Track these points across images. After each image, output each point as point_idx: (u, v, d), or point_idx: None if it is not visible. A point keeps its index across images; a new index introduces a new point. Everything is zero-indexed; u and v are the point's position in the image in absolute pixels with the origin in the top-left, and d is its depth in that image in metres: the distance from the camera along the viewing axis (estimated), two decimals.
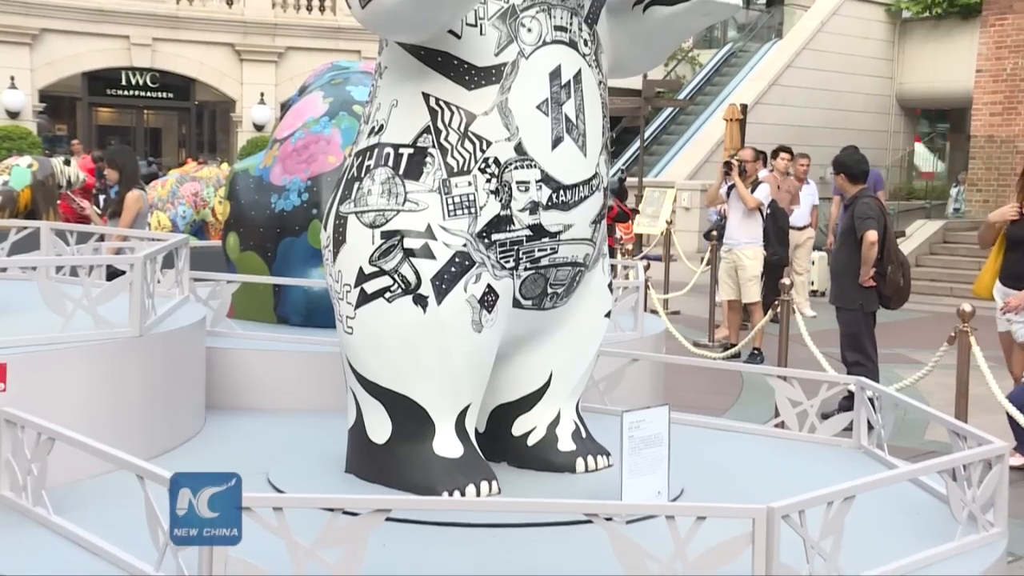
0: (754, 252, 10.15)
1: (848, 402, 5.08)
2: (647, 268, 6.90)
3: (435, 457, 3.20)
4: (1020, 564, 4.76)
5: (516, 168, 3.18)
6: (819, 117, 22.77)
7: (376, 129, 3.31)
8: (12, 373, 3.28)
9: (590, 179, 3.33)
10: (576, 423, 3.61)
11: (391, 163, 3.23)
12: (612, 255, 10.99)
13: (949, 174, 24.77)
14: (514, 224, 3.21)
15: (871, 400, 3.92)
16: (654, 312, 8.51)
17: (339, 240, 3.30)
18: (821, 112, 22.93)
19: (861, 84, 23.94)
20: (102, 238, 5.84)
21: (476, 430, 3.40)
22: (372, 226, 3.22)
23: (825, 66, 23.33)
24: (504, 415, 3.56)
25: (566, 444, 3.53)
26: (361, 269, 3.22)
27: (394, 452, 3.25)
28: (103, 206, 10.05)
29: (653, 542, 2.35)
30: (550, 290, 3.38)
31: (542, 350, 3.54)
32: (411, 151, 3.21)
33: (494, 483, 3.19)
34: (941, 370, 6.65)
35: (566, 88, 3.24)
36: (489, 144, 3.16)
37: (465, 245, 3.18)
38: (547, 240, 3.27)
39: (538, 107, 3.19)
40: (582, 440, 3.57)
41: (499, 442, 3.54)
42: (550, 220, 3.25)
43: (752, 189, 10.13)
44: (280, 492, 3.12)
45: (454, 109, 3.17)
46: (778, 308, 7.80)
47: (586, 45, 3.33)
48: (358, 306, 3.23)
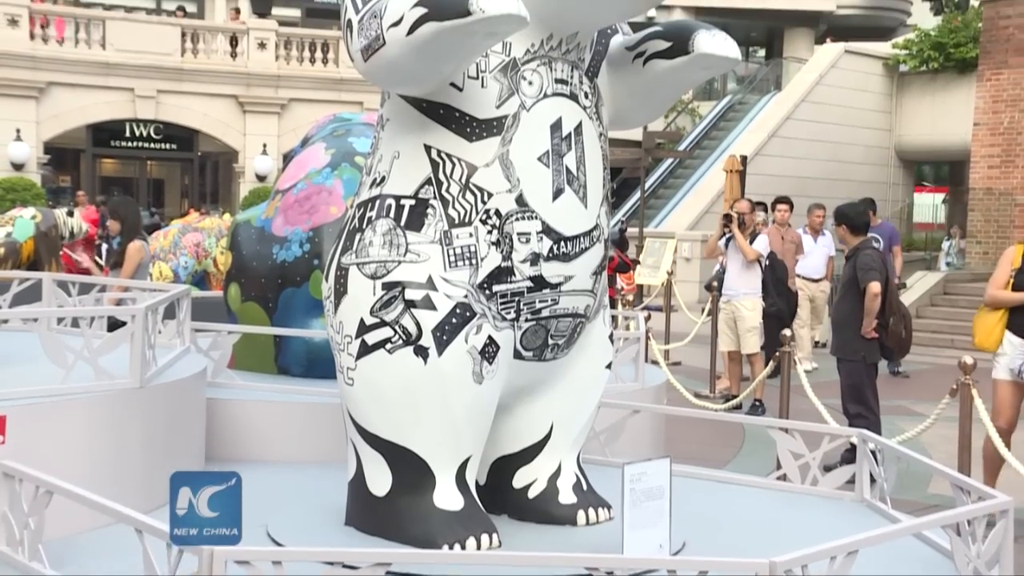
0: (753, 303, 10.16)
1: (850, 454, 5.06)
2: (648, 319, 6.90)
3: (435, 509, 3.18)
4: None
5: (517, 220, 3.19)
6: (819, 168, 22.91)
7: (378, 181, 3.33)
8: (11, 425, 3.27)
9: (591, 230, 3.34)
10: (577, 475, 3.59)
11: (393, 214, 3.25)
12: (613, 306, 11.00)
13: (948, 226, 24.86)
14: (515, 275, 3.22)
15: (873, 453, 3.90)
16: (655, 363, 8.50)
17: (340, 291, 3.31)
18: (820, 163, 23.08)
19: (860, 136, 24.12)
20: (104, 289, 5.84)
21: (476, 482, 3.38)
22: (373, 277, 3.22)
23: (824, 118, 23.52)
24: (505, 467, 3.54)
25: (567, 496, 3.51)
26: (362, 320, 3.22)
27: (394, 504, 3.23)
28: (105, 256, 10.08)
29: None
30: (551, 341, 3.38)
31: (543, 401, 3.53)
32: (413, 202, 3.23)
33: (495, 536, 3.17)
34: (943, 422, 6.62)
35: (567, 140, 3.26)
36: (490, 196, 3.18)
37: (466, 296, 3.19)
38: (548, 291, 3.27)
39: (539, 159, 3.21)
40: (583, 492, 3.55)
41: (500, 494, 3.52)
42: (551, 271, 3.26)
43: (751, 240, 10.16)
44: (279, 545, 3.10)
45: (455, 161, 3.19)
46: (779, 360, 7.79)
47: (587, 98, 3.35)
48: (359, 357, 3.23)
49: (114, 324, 4.55)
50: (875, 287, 7.18)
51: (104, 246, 12.90)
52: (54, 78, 21.82)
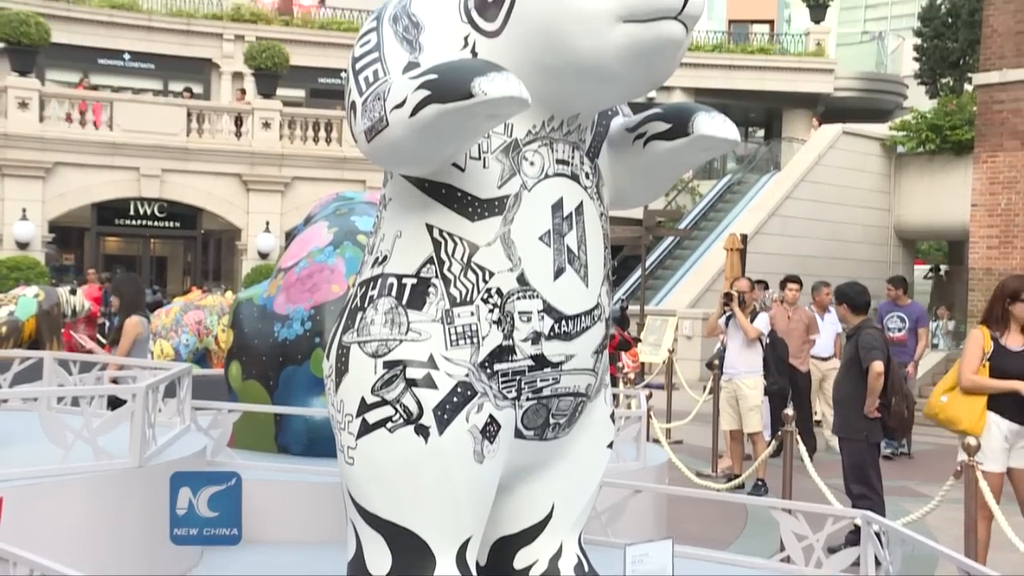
0: (754, 382, 10.14)
1: (855, 536, 5.00)
2: (649, 397, 6.88)
3: None
4: None
5: (518, 299, 3.20)
6: (818, 247, 23.02)
7: (380, 260, 3.35)
8: (9, 506, 3.24)
9: (592, 309, 3.35)
10: (579, 556, 3.55)
11: (394, 293, 3.26)
12: (614, 384, 10.97)
13: (934, 305, 24.88)
14: (516, 354, 3.22)
15: (878, 535, 3.86)
16: (657, 442, 8.45)
17: (341, 370, 3.31)
18: (820, 242, 23.20)
19: (859, 215, 24.29)
20: (105, 367, 5.85)
21: (477, 563, 3.34)
22: (375, 356, 3.23)
23: (823, 198, 23.71)
24: (505, 548, 3.50)
25: None
26: (363, 399, 3.22)
27: None
28: (108, 333, 10.09)
29: None
30: (552, 420, 3.37)
31: (544, 481, 3.50)
32: (414, 281, 3.24)
33: None
34: (948, 504, 6.56)
35: (568, 220, 3.29)
36: (492, 275, 3.19)
37: (467, 375, 3.19)
38: (549, 370, 3.27)
39: (540, 238, 3.23)
40: (585, 574, 3.51)
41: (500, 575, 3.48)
42: (552, 350, 3.26)
43: (751, 319, 10.17)
44: None
45: (457, 240, 3.21)
46: (781, 439, 7.74)
47: (587, 178, 3.39)
48: (359, 436, 3.22)
49: (116, 401, 4.54)
50: (878, 366, 7.17)
51: (107, 324, 12.93)
52: (61, 158, 22.07)
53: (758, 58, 31.55)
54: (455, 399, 3.16)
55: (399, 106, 2.90)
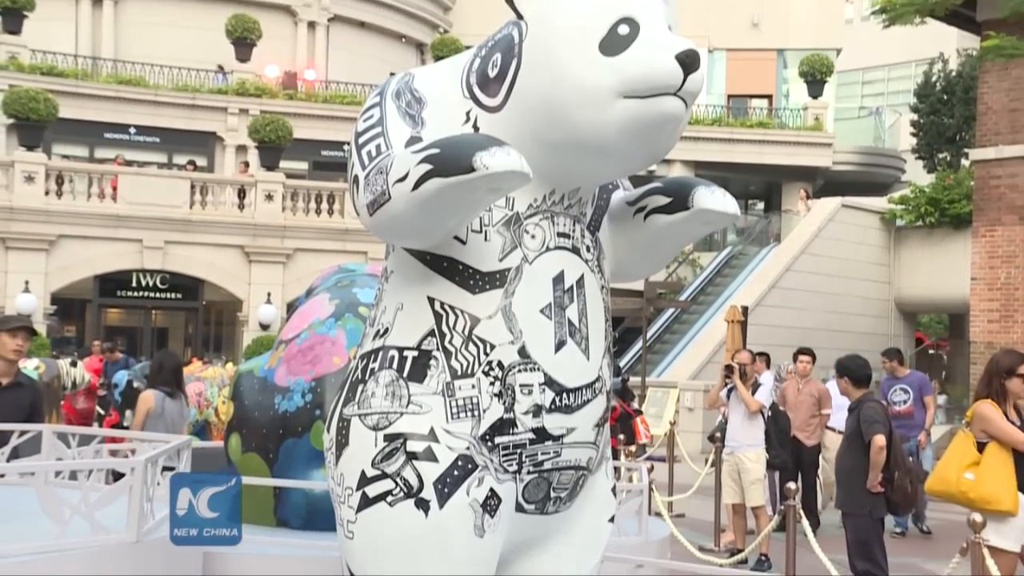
0: (756, 455, 10.06)
1: None
2: (651, 470, 6.83)
3: None
4: None
5: (519, 371, 3.20)
6: (819, 319, 23.02)
7: (381, 332, 3.36)
8: None
9: (593, 382, 3.34)
10: None
11: (395, 366, 3.26)
12: (615, 456, 10.89)
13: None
14: (517, 427, 3.21)
15: None
16: (658, 515, 8.36)
17: (342, 443, 3.29)
18: (821, 314, 23.20)
19: (859, 288, 24.33)
20: (104, 440, 5.82)
21: None
22: (375, 429, 3.22)
23: (823, 270, 23.77)
24: None
25: None
26: (363, 472, 3.20)
27: None
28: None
29: None
30: (553, 494, 3.35)
31: (545, 556, 3.46)
32: (415, 354, 3.24)
33: None
34: None
35: (569, 293, 3.30)
36: (493, 347, 3.19)
37: (468, 448, 3.17)
38: (550, 443, 3.26)
39: (541, 311, 3.24)
40: None
41: None
42: (553, 423, 3.25)
43: (753, 391, 10.14)
44: None
45: (458, 313, 3.22)
46: (784, 513, 7.67)
47: (588, 251, 3.41)
48: (359, 510, 3.19)
49: (117, 472, 4.52)
50: (880, 440, 7.13)
51: (107, 395, 12.89)
52: (65, 231, 22.19)
53: (757, 132, 31.88)
54: (456, 472, 3.14)
55: (401, 180, 2.93)
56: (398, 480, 3.14)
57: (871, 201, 26.08)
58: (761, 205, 35.69)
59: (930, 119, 36.34)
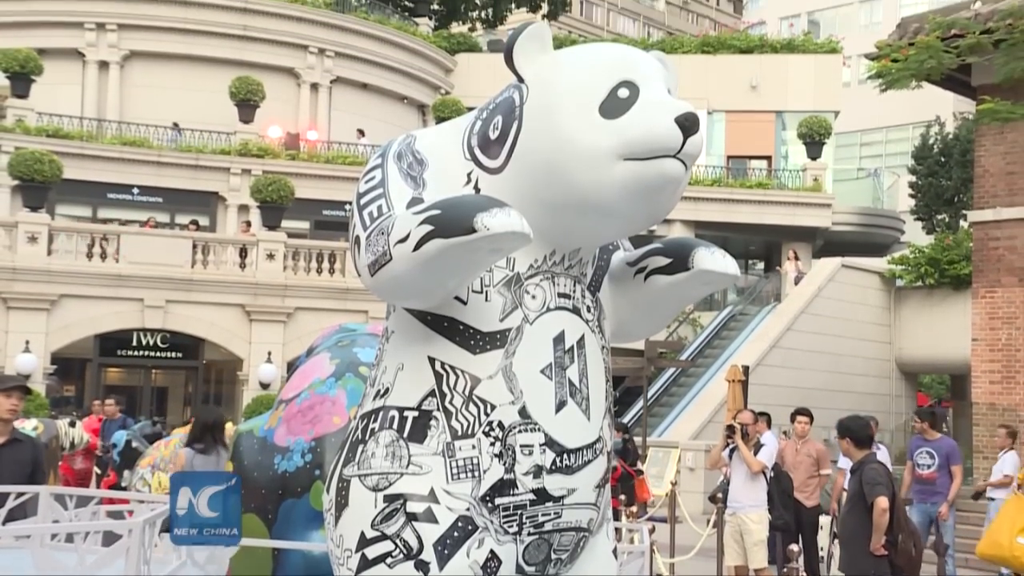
0: (759, 516, 9.98)
1: None
2: (652, 531, 6.78)
3: None
4: None
5: (520, 432, 3.19)
6: (820, 379, 22.96)
7: (382, 392, 3.35)
8: None
9: (594, 443, 3.33)
10: None
11: (396, 426, 3.25)
12: (616, 517, 10.80)
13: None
14: (518, 488, 3.19)
15: None
16: None
17: (341, 504, 3.27)
18: (822, 374, 23.15)
19: (860, 348, 24.30)
20: (101, 501, 5.79)
21: None
22: (375, 489, 3.20)
23: (824, 330, 23.76)
24: None
25: None
26: (363, 533, 3.18)
27: None
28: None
29: None
30: (554, 556, 3.32)
31: None
32: (416, 414, 3.24)
33: None
34: None
35: (569, 353, 3.30)
36: (493, 408, 3.19)
37: (468, 509, 3.16)
38: (551, 504, 3.24)
39: (542, 371, 3.24)
40: None
41: None
42: (554, 484, 3.23)
43: (755, 451, 10.09)
44: None
45: (459, 373, 3.22)
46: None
47: (589, 311, 3.42)
48: (359, 572, 3.17)
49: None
50: (883, 502, 7.08)
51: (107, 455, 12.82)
52: (66, 290, 22.23)
53: (756, 192, 32.06)
54: (456, 534, 3.13)
55: (403, 240, 2.95)
56: (398, 541, 3.12)
57: (871, 261, 26.14)
58: (761, 265, 35.76)
59: (928, 181, 36.60)
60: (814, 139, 32.22)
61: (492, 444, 3.18)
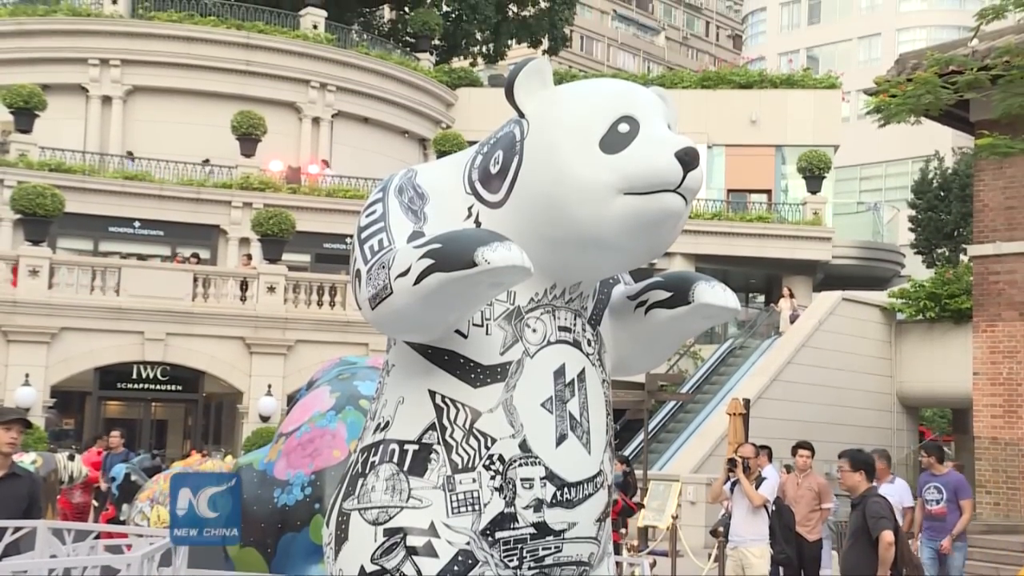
0: (761, 550, 9.92)
1: None
2: (653, 565, 6.74)
3: None
4: None
5: (520, 465, 3.19)
6: (821, 413, 22.89)
7: (382, 425, 3.35)
8: None
9: (594, 476, 3.33)
10: None
11: (396, 459, 3.25)
12: (617, 551, 10.73)
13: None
14: (518, 522, 3.18)
15: None
16: None
17: (341, 537, 3.26)
18: (823, 408, 23.08)
19: (861, 381, 24.24)
20: (99, 536, 5.77)
21: None
22: (375, 523, 3.19)
23: (825, 363, 23.72)
24: None
25: None
26: (363, 567, 3.17)
27: None
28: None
29: None
30: None
31: None
32: (416, 447, 3.24)
33: None
34: None
35: (570, 386, 3.31)
36: (494, 441, 3.19)
37: (468, 543, 3.15)
38: (551, 539, 3.23)
39: (542, 405, 3.24)
40: None
41: None
42: (554, 518, 3.22)
43: (756, 485, 10.04)
44: None
45: (459, 406, 3.22)
46: None
47: (590, 345, 3.42)
48: None
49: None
50: (888, 536, 7.02)
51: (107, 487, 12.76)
52: (67, 323, 22.23)
53: (757, 226, 32.11)
54: (456, 568, 3.11)
55: (403, 274, 2.96)
56: (397, 575, 3.11)
57: (871, 295, 26.13)
58: (762, 298, 35.76)
59: (928, 215, 36.71)
60: (814, 173, 32.32)
61: (492, 478, 3.17)
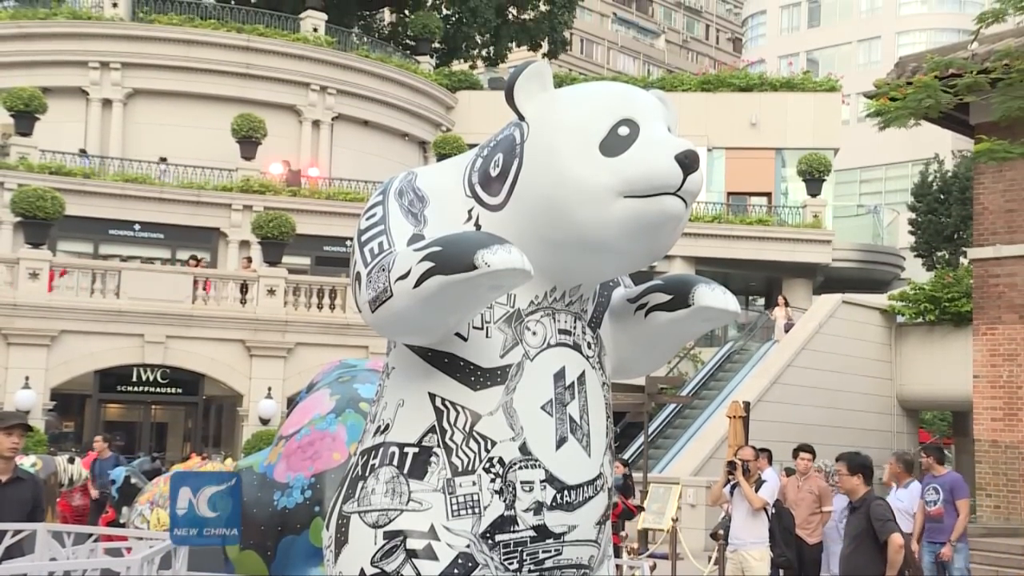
0: (760, 553, 9.91)
1: None
2: (653, 568, 6.74)
3: None
4: None
5: (520, 468, 3.19)
6: (821, 416, 22.88)
7: (382, 428, 3.35)
8: None
9: (594, 479, 3.33)
10: None
11: (396, 462, 3.25)
12: (617, 554, 10.72)
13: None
14: (518, 525, 3.18)
15: None
16: None
17: (341, 540, 3.26)
18: (823, 411, 23.07)
19: (861, 384, 24.23)
20: (99, 539, 5.77)
21: None
22: (375, 526, 3.19)
23: (825, 366, 23.70)
24: None
25: None
26: (363, 570, 3.17)
27: None
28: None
29: None
30: None
31: None
32: (416, 450, 3.24)
33: None
34: None
35: (570, 389, 3.31)
36: (494, 444, 3.19)
37: (468, 546, 3.14)
38: (551, 541, 3.23)
39: (542, 408, 3.24)
40: None
41: None
42: (554, 521, 3.22)
43: (756, 488, 10.03)
44: None
45: (459, 409, 3.22)
46: None
47: (589, 348, 3.42)
48: None
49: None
50: (898, 539, 6.97)
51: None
52: (67, 326, 22.23)
53: (757, 228, 32.13)
54: (456, 571, 3.11)
55: (403, 277, 2.96)
56: None
57: (871, 298, 26.12)
58: (762, 301, 35.76)
59: (928, 218, 36.71)
60: (814, 176, 32.34)
61: (492, 480, 3.17)
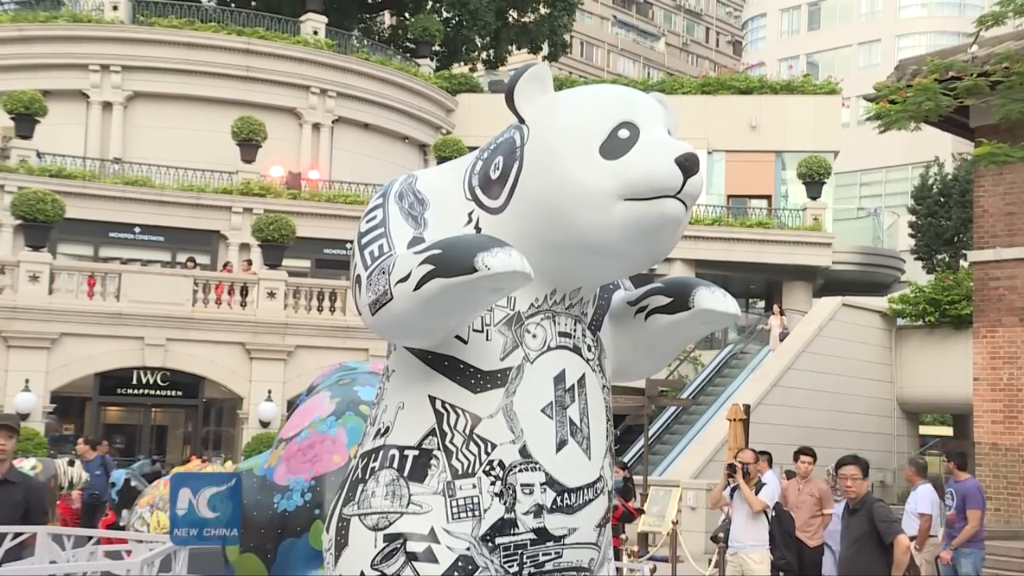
0: (761, 556, 9.91)
1: None
2: (653, 570, 6.74)
3: None
4: None
5: (520, 471, 3.19)
6: (821, 418, 22.88)
7: (382, 431, 3.35)
8: None
9: (595, 482, 3.33)
10: None
11: (396, 465, 3.25)
12: (617, 557, 10.72)
13: None
14: (518, 527, 3.18)
15: None
16: None
17: (341, 543, 3.26)
18: (823, 413, 23.07)
19: (861, 387, 24.24)
20: (99, 541, 5.76)
21: None
22: (375, 529, 3.19)
23: (825, 369, 23.71)
24: None
25: None
26: (363, 573, 3.17)
27: None
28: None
29: None
30: None
31: None
32: (416, 453, 3.24)
33: None
34: None
35: (570, 392, 3.31)
36: (494, 447, 3.19)
37: (468, 549, 3.14)
38: (551, 544, 3.23)
39: (543, 410, 3.24)
40: None
41: None
42: (555, 523, 3.22)
43: (756, 491, 10.03)
44: None
45: (460, 412, 3.22)
46: None
47: (590, 350, 3.42)
48: None
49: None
50: (905, 540, 6.95)
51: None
52: (67, 329, 22.23)
53: (757, 231, 32.14)
54: (456, 573, 3.11)
55: (403, 280, 2.96)
56: None
57: (871, 301, 26.13)
58: (762, 304, 35.76)
59: (928, 220, 36.73)
60: (814, 179, 32.34)
61: (492, 483, 3.17)
